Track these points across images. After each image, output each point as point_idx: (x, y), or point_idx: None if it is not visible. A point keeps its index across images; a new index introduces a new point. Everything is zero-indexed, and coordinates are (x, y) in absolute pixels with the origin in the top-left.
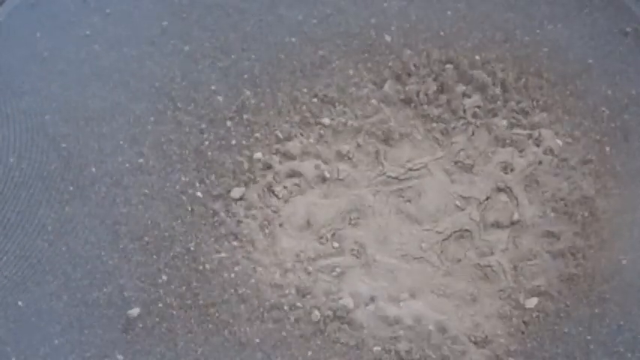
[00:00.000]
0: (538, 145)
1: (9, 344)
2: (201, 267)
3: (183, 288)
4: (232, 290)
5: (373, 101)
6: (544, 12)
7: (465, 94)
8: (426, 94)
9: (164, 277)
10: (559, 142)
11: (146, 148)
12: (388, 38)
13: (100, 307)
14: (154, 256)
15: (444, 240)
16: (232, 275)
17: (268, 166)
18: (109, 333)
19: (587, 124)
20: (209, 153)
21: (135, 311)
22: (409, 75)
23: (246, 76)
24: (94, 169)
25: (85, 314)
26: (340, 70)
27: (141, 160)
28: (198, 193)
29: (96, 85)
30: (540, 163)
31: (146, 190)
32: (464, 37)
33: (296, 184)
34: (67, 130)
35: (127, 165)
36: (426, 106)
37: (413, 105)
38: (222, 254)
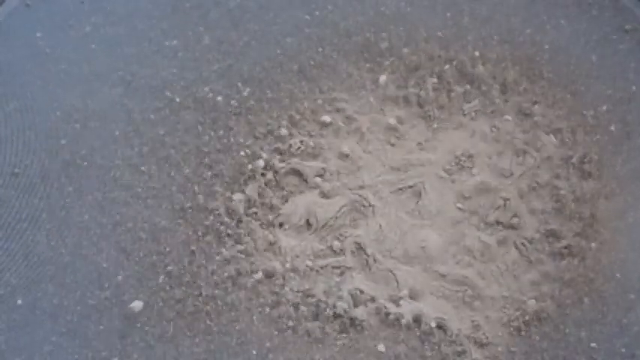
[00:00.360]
0: (538, 145)
1: (8, 342)
2: (201, 267)
3: (183, 288)
4: (232, 290)
5: (373, 101)
6: (544, 11)
7: (465, 94)
8: (426, 94)
9: (164, 277)
10: (559, 142)
11: (146, 148)
12: (388, 38)
13: (100, 307)
14: (154, 256)
15: (444, 240)
16: (232, 275)
17: (268, 166)
18: (108, 332)
19: (588, 124)
20: (209, 153)
21: (138, 305)
22: (409, 75)
23: (246, 75)
24: (93, 169)
25: (84, 313)
26: (340, 69)
27: (141, 160)
28: (199, 193)
29: (96, 85)
30: (540, 163)
31: (146, 190)
32: (464, 37)
33: (296, 184)
34: (67, 130)
35: (127, 165)
36: (426, 106)
37: (413, 105)
38: (222, 254)
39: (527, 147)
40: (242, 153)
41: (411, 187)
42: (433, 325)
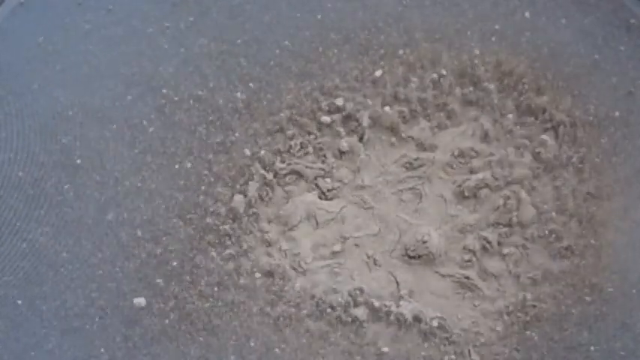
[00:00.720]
0: (539, 145)
1: (8, 342)
2: (201, 266)
3: (183, 287)
4: (232, 290)
5: (373, 101)
6: (545, 10)
7: (464, 95)
8: (427, 94)
9: (164, 277)
10: (559, 141)
11: (146, 148)
12: (388, 38)
13: (100, 306)
14: (154, 257)
15: (444, 240)
16: (232, 275)
17: (269, 166)
18: (108, 332)
19: (589, 124)
20: (209, 153)
21: (141, 301)
22: (409, 74)
23: (246, 75)
24: (93, 169)
25: (84, 313)
26: (340, 70)
27: (140, 160)
28: (199, 193)
29: (95, 85)
30: (541, 162)
31: (146, 190)
32: (464, 36)
33: (296, 184)
34: (67, 130)
35: (127, 165)
36: (426, 106)
37: (413, 104)
38: (222, 254)
39: (528, 147)
40: (242, 153)
41: (411, 187)
42: (434, 324)
